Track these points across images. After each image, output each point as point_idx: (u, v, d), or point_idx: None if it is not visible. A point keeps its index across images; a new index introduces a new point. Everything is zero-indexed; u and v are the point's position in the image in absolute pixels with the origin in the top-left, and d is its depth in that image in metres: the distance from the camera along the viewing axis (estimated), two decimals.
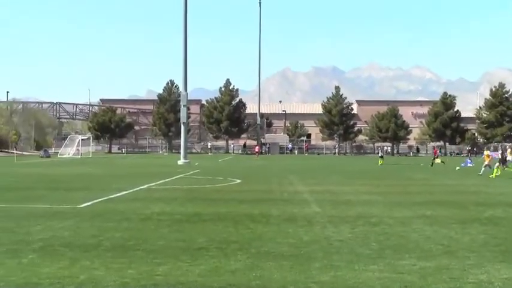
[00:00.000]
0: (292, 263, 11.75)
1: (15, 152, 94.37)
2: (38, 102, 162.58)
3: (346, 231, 15.89)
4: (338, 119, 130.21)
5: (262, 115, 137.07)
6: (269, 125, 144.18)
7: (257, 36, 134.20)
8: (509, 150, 51.39)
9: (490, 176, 41.23)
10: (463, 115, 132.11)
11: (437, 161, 56.50)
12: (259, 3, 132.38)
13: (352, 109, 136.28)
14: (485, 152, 46.86)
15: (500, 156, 43.77)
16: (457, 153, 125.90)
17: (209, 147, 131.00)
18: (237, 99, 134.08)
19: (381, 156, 73.11)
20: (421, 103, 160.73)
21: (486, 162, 44.61)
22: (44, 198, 24.83)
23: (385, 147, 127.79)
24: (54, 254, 12.47)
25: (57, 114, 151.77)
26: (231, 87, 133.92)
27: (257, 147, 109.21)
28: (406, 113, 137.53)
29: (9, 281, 10.11)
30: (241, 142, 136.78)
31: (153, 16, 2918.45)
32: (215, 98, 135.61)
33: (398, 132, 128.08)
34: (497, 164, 43.94)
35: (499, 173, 42.55)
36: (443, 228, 16.53)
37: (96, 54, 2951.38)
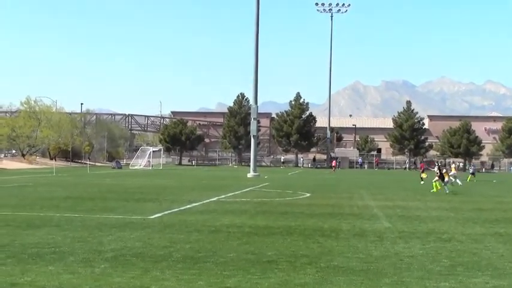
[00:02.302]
0: (362, 278, 11.66)
1: (88, 162, 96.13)
2: (110, 114, 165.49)
3: (416, 247, 15.68)
4: (409, 133, 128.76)
5: (332, 129, 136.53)
6: (339, 139, 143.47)
7: (328, 49, 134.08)
8: (453, 165, 51.51)
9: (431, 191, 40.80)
10: None
11: (423, 175, 55.82)
12: (331, 17, 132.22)
13: (423, 124, 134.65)
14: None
15: (438, 172, 42.72)
16: None
17: (282, 160, 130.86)
18: (307, 113, 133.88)
19: (473, 173, 67.33)
20: (494, 118, 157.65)
21: None
22: (115, 209, 25.22)
23: (458, 163, 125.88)
24: (126, 264, 12.65)
25: (129, 126, 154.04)
26: (301, 100, 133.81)
27: (333, 161, 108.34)
28: (478, 128, 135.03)
29: None
30: (311, 156, 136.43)
31: (224, 30, 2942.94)
32: (285, 111, 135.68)
33: (471, 148, 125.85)
34: (435, 178, 42.72)
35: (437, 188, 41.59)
36: None
37: (167, 67, 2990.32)
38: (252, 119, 74.41)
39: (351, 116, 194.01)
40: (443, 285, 11.16)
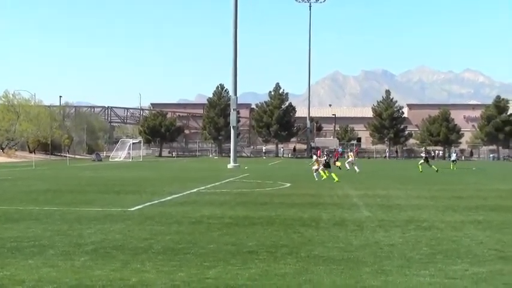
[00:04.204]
0: (342, 267, 11.70)
1: (68, 155, 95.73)
2: (90, 107, 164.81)
3: (396, 235, 15.76)
4: (388, 122, 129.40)
5: (312, 119, 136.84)
6: (319, 128, 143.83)
7: (307, 39, 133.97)
8: (350, 153, 55.91)
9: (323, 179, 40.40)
10: None
11: (337, 164, 56.23)
12: (309, 6, 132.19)
13: (402, 113, 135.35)
14: None
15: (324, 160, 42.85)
16: (511, 157, 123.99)
17: (264, 151, 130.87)
18: (287, 103, 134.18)
19: (454, 161, 67.34)
20: (473, 106, 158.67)
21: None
22: (95, 201, 25.13)
23: (437, 151, 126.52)
24: (106, 257, 12.60)
25: (109, 118, 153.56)
26: (280, 91, 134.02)
27: (319, 151, 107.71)
28: (457, 116, 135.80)
29: (63, 283, 10.24)
30: (291, 146, 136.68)
31: (202, 20, 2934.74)
32: (265, 102, 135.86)
33: (450, 136, 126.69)
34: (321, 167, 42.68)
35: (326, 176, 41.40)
36: (496, 233, 16.28)
37: (146, 60, 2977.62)
38: (232, 110, 74.38)
39: (330, 105, 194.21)
40: (423, 273, 11.22)
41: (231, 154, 73.10)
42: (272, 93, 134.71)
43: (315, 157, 44.94)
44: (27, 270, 11.20)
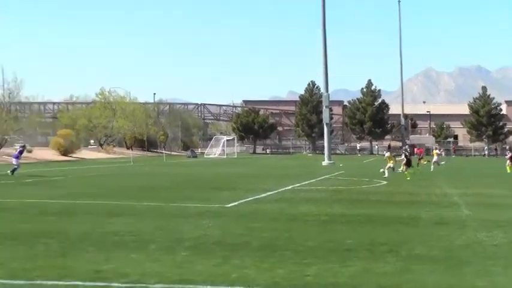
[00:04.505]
0: (444, 266, 11.46)
1: (164, 152, 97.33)
2: (183, 104, 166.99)
3: (499, 236, 15.33)
4: (486, 120, 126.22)
5: (406, 116, 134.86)
6: (413, 126, 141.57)
7: (398, 35, 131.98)
8: (435, 151, 49.49)
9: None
10: None
11: (423, 161, 54.54)
12: (399, 1, 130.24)
13: (501, 110, 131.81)
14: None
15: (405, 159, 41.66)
16: None
17: (358, 148, 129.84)
18: (380, 100, 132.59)
19: None
20: None
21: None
22: (193, 197, 25.45)
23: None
24: (206, 252, 12.73)
25: (202, 115, 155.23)
26: (372, 88, 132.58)
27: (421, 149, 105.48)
28: None
29: (165, 277, 10.38)
30: (385, 143, 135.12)
31: (293, 17, 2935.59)
32: (357, 99, 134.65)
33: None
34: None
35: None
36: None
37: (238, 57, 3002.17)
38: (324, 107, 74.14)
39: (424, 102, 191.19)
40: None
41: (325, 151, 72.81)
42: (364, 90, 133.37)
43: (387, 153, 44.64)
44: (131, 264, 11.41)
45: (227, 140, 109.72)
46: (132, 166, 59.23)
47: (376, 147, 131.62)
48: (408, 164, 41.68)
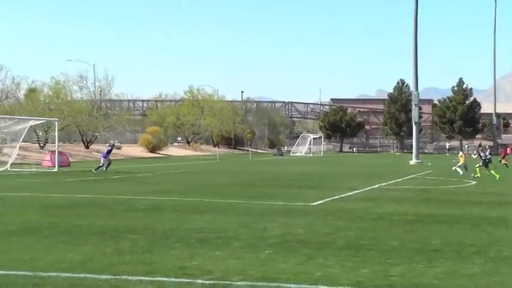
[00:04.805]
0: None
1: (250, 149, 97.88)
2: (271, 102, 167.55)
3: None
4: None
5: (498, 115, 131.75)
6: (506, 125, 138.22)
7: (491, 32, 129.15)
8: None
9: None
10: None
11: (503, 162, 52.34)
12: None
13: None
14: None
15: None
16: None
17: (447, 147, 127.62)
18: (471, 99, 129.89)
19: None
20: None
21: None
22: (278, 195, 25.49)
23: None
24: (290, 250, 12.72)
25: (289, 114, 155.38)
26: (464, 86, 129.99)
27: (508, 148, 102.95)
28: None
29: (248, 275, 10.40)
30: (476, 143, 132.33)
31: (382, 15, 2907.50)
32: (447, 97, 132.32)
33: None
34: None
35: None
36: None
37: (326, 55, 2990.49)
38: (413, 106, 73.17)
39: None
40: None
41: (413, 150, 71.88)
42: (455, 88, 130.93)
43: (461, 153, 44.06)
44: (215, 261, 11.49)
45: (314, 138, 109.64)
46: (218, 163, 59.78)
47: (466, 146, 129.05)
48: (485, 163, 40.85)
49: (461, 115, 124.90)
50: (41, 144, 70.36)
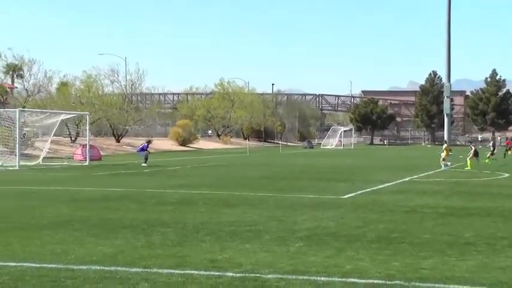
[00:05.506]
0: None
1: (280, 142, 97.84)
2: (301, 94, 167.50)
3: None
4: None
5: None
6: None
7: None
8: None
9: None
10: None
11: (510, 152, 51.83)
12: None
13: None
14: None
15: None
16: None
17: (479, 139, 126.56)
18: (504, 90, 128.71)
19: None
20: None
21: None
22: (308, 188, 25.45)
23: None
24: (320, 243, 12.67)
25: (320, 106, 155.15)
26: (497, 77, 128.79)
27: (507, 141, 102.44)
28: None
29: (278, 268, 10.37)
30: (508, 134, 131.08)
31: (414, 5, 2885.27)
32: (480, 89, 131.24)
33: None
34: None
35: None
36: None
37: (357, 47, 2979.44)
38: (445, 97, 72.57)
39: None
40: None
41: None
42: (488, 79, 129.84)
43: (445, 145, 43.75)
44: (245, 254, 11.48)
45: (344, 131, 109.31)
46: (248, 157, 59.83)
47: (499, 138, 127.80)
48: (475, 154, 42.16)
49: (494, 107, 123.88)
50: (72, 138, 70.87)
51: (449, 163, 41.32)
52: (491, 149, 50.92)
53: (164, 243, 12.53)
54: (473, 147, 43.41)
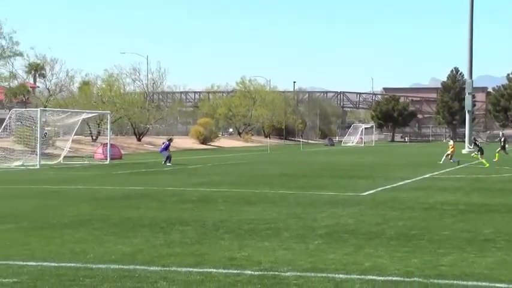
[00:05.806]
0: None
1: (301, 140, 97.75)
2: (322, 92, 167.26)
3: None
4: None
5: None
6: None
7: None
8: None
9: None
10: None
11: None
12: None
13: None
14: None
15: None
16: None
17: (501, 136, 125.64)
18: None
19: None
20: None
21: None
22: (328, 185, 25.42)
23: None
24: (339, 241, 12.67)
25: (341, 103, 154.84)
26: None
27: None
28: None
29: (297, 265, 10.39)
30: None
31: (436, 3, 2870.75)
32: (502, 85, 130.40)
33: None
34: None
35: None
36: None
37: (379, 44, 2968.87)
38: (467, 94, 72.35)
39: None
40: None
41: (466, 139, 71.09)
42: (510, 76, 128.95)
43: (451, 142, 43.38)
44: (264, 252, 11.50)
45: (365, 128, 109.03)
46: (269, 154, 59.84)
47: None
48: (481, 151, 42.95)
49: None
50: (94, 137, 71.18)
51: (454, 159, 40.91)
52: (502, 144, 50.79)
53: (183, 242, 12.57)
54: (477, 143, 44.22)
